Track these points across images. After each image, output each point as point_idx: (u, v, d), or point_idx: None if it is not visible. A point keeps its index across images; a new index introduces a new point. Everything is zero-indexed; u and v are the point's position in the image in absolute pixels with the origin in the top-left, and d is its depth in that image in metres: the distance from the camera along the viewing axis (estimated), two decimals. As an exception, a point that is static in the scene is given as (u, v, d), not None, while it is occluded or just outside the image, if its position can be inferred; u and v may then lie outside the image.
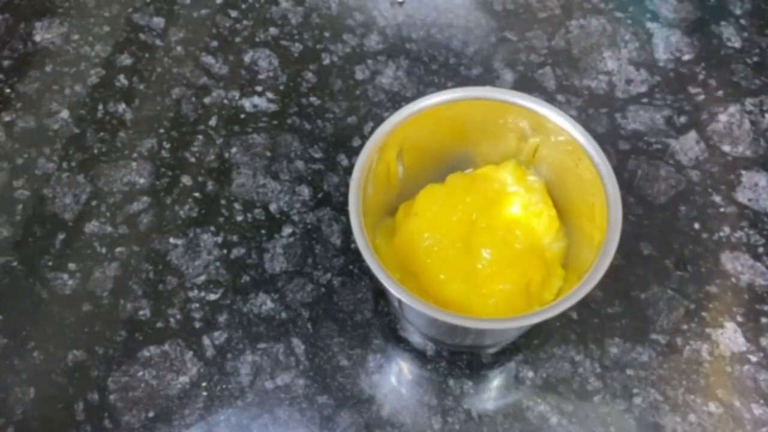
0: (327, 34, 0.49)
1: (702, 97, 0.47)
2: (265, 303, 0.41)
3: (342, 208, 0.43)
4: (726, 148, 0.45)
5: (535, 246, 0.37)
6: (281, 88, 0.47)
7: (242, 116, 0.46)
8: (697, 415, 0.38)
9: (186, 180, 0.44)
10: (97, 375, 0.39)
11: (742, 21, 0.49)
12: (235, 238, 0.42)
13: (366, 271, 0.41)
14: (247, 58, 0.48)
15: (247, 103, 0.47)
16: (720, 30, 0.49)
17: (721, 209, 0.43)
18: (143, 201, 0.44)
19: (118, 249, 0.42)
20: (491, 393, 0.39)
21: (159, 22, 0.50)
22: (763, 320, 0.40)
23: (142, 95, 0.47)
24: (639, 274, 0.41)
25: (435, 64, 0.48)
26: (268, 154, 0.45)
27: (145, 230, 0.43)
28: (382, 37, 0.49)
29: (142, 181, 0.44)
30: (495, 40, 0.49)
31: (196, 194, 0.44)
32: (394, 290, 0.32)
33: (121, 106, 0.47)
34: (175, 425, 0.38)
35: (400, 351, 0.40)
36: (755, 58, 0.48)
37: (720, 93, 0.47)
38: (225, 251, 0.42)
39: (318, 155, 0.45)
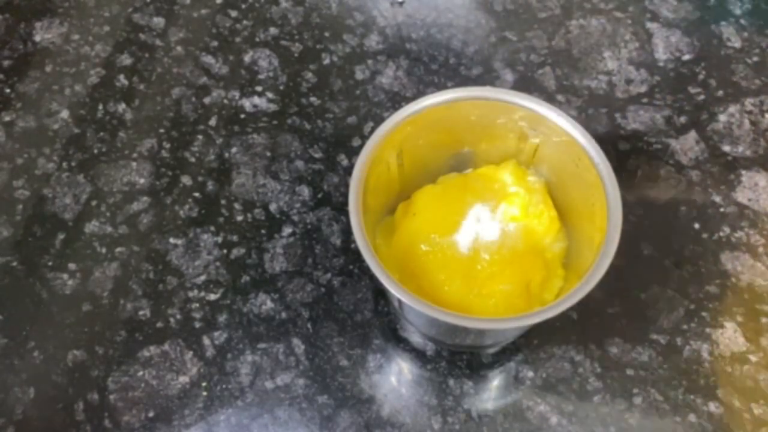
0: (327, 34, 0.49)
1: (702, 97, 0.47)
2: (265, 303, 0.41)
3: (342, 208, 0.43)
4: (726, 148, 0.45)
5: (536, 246, 0.37)
6: (281, 88, 0.47)
7: (242, 116, 0.46)
8: (697, 415, 0.38)
9: (186, 180, 0.44)
10: (97, 375, 0.39)
11: (742, 21, 0.49)
12: (235, 238, 0.42)
13: (366, 271, 0.41)
14: (247, 58, 0.48)
15: (247, 103, 0.47)
16: (720, 30, 0.49)
17: (721, 209, 0.43)
18: (143, 201, 0.44)
19: (118, 249, 0.42)
20: (491, 393, 0.39)
21: (159, 22, 0.50)
22: (763, 320, 0.40)
23: (142, 95, 0.47)
24: (639, 274, 0.41)
25: (435, 64, 0.48)
26: (268, 154, 0.45)
27: (145, 230, 0.43)
28: (382, 37, 0.49)
29: (142, 181, 0.44)
30: (495, 40, 0.49)
31: (196, 194, 0.44)
32: (394, 290, 0.32)
33: (121, 106, 0.47)
34: (175, 425, 0.38)
35: (400, 351, 0.40)
36: (755, 58, 0.48)
37: (720, 93, 0.47)
38: (225, 251, 0.42)
39: (318, 155, 0.45)
